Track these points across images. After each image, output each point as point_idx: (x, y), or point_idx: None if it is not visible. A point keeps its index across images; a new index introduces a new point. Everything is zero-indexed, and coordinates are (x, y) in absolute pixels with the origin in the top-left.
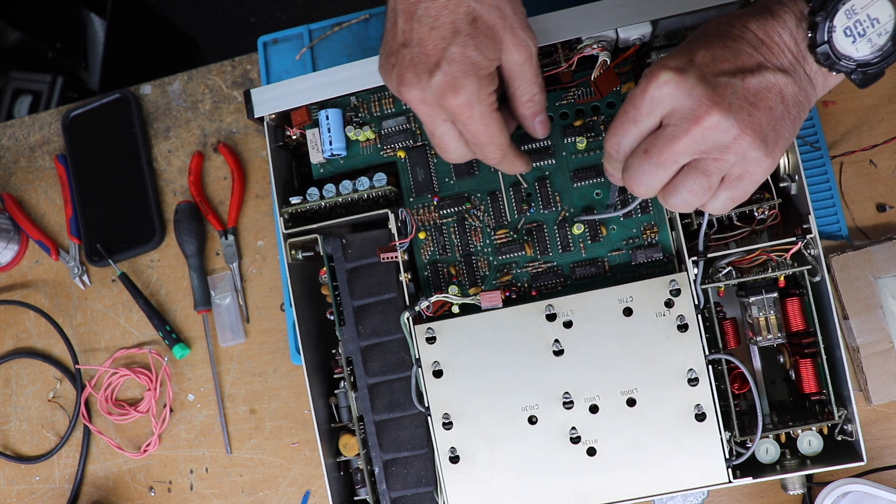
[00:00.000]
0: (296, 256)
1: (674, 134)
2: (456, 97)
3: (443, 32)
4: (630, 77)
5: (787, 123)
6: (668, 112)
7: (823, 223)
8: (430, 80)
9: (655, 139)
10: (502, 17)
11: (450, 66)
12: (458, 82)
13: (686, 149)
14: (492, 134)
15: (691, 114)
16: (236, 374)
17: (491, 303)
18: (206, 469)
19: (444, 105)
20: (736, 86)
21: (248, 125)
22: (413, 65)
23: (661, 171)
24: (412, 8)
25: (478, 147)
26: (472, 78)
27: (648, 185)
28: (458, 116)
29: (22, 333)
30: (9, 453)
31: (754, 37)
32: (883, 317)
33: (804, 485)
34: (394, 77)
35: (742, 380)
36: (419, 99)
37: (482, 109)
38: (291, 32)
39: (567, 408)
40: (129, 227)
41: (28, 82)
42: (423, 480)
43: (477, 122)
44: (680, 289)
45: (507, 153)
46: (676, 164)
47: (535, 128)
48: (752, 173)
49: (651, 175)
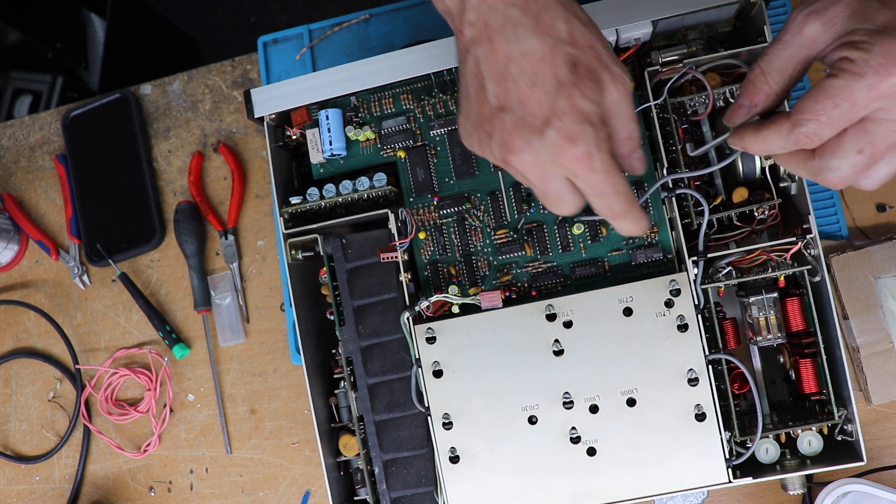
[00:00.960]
0: (296, 256)
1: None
2: (575, 150)
3: (546, 87)
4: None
5: None
6: (884, 105)
7: (823, 223)
8: (543, 140)
9: (870, 137)
10: (597, 56)
11: (562, 121)
12: (574, 135)
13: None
14: (616, 183)
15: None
16: (236, 374)
17: (491, 303)
18: (206, 469)
19: (560, 162)
20: None
21: (248, 125)
22: (519, 128)
23: (873, 165)
24: (502, 69)
25: (600, 199)
26: (587, 127)
27: (854, 181)
28: (577, 171)
29: (22, 333)
30: (9, 453)
31: None
32: (883, 317)
33: (804, 485)
34: (495, 146)
35: (742, 380)
36: (531, 162)
37: (602, 157)
38: (291, 32)
39: (567, 408)
40: (129, 227)
41: (28, 82)
42: (423, 480)
43: (599, 172)
44: (680, 289)
45: (633, 202)
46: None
47: (633, 165)
48: None
49: (862, 172)
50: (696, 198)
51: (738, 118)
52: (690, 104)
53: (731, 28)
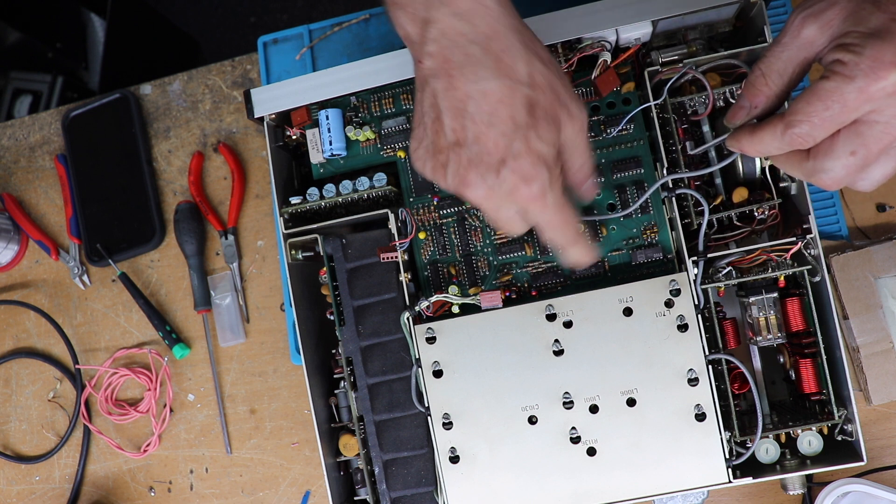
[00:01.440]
0: (296, 256)
1: (886, 132)
2: (529, 189)
3: (503, 128)
4: (630, 77)
5: None
6: (877, 108)
7: (823, 223)
8: (498, 178)
9: (861, 139)
10: (556, 96)
11: (517, 162)
12: (528, 176)
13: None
14: (565, 218)
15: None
16: (236, 374)
17: (491, 303)
18: (206, 469)
19: (514, 200)
20: None
21: (248, 125)
22: (474, 165)
23: (866, 168)
24: (461, 105)
25: (551, 231)
26: (542, 168)
27: (849, 182)
28: (529, 207)
29: (22, 333)
30: (9, 453)
31: None
32: (883, 317)
33: (804, 485)
34: (450, 177)
35: (742, 380)
36: (485, 196)
37: (555, 196)
38: (291, 32)
39: (567, 408)
40: (129, 227)
41: (28, 82)
42: (423, 480)
43: (550, 209)
44: (680, 289)
45: (580, 236)
46: (881, 155)
47: (585, 193)
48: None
49: (854, 174)
50: (696, 198)
51: (738, 119)
52: (690, 104)
53: (731, 28)
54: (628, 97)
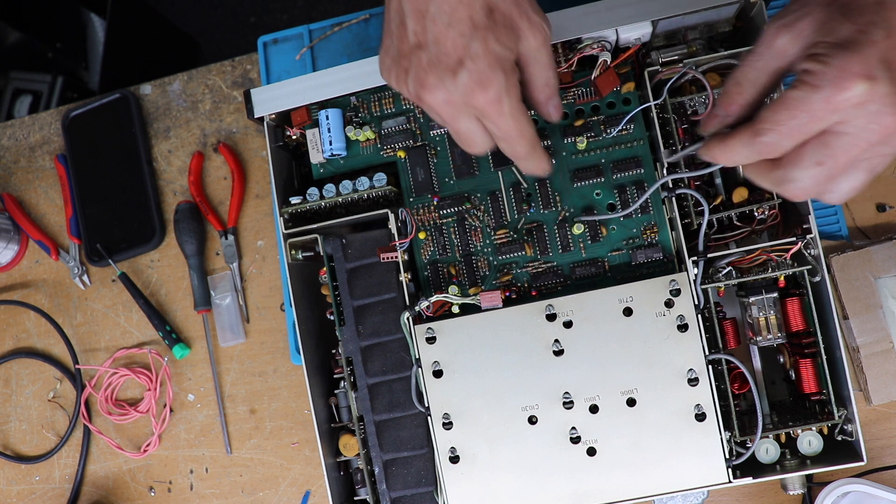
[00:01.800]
0: (296, 256)
1: (854, 144)
2: (485, 93)
3: (461, 28)
4: (630, 77)
5: None
6: (845, 119)
7: (823, 223)
8: (455, 80)
9: (829, 150)
10: (517, 3)
11: (474, 63)
12: (484, 78)
13: (864, 156)
14: (521, 127)
15: (877, 124)
16: (236, 374)
17: (491, 303)
18: (206, 469)
19: (471, 103)
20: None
21: (248, 125)
22: (433, 66)
23: (833, 179)
24: (422, 6)
25: (506, 141)
26: (498, 71)
27: (816, 193)
28: (486, 113)
29: (22, 333)
30: (9, 453)
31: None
32: (883, 317)
33: (804, 485)
34: (410, 82)
35: (742, 380)
36: (443, 101)
37: (511, 103)
38: (291, 32)
39: (567, 408)
40: (129, 227)
41: (28, 82)
42: (423, 480)
43: (507, 116)
44: (680, 289)
45: (537, 146)
46: (849, 168)
47: (549, 112)
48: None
49: (822, 185)
50: (696, 198)
51: (711, 127)
52: (690, 104)
53: (731, 28)
54: (628, 97)
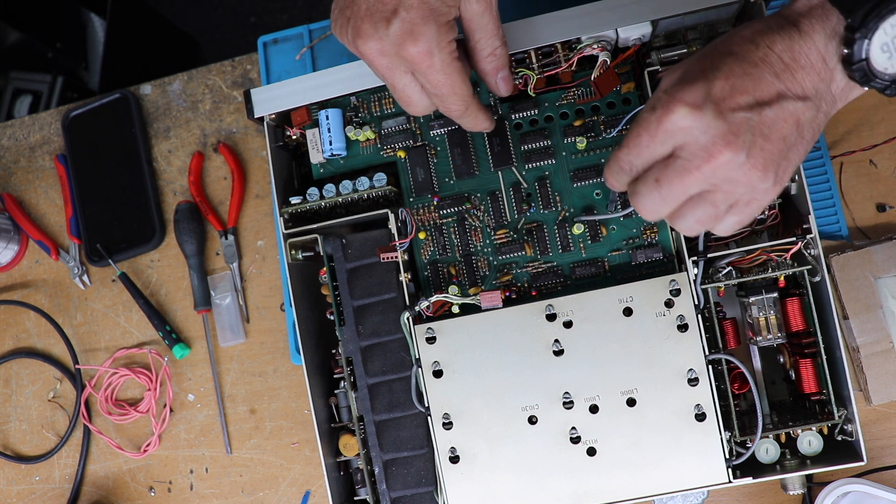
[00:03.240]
0: (296, 256)
1: (685, 168)
2: (415, 45)
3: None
4: (630, 77)
5: (798, 149)
6: (680, 144)
7: (823, 223)
8: (388, 29)
9: (666, 170)
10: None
11: (408, 13)
12: (416, 29)
13: (696, 182)
14: (453, 84)
15: (704, 150)
16: (236, 374)
17: (491, 303)
18: (206, 469)
19: (402, 54)
20: (752, 120)
21: (248, 125)
22: (369, 14)
23: (670, 200)
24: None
25: (439, 98)
26: (430, 24)
27: (656, 211)
28: (417, 66)
29: (22, 333)
30: (9, 453)
31: (778, 60)
32: (883, 317)
33: (804, 485)
34: (349, 30)
35: (742, 380)
36: (377, 50)
37: (442, 57)
38: (291, 32)
39: (567, 408)
40: (129, 227)
41: (28, 82)
42: (423, 480)
43: (438, 70)
44: (680, 289)
45: (470, 105)
46: (686, 194)
47: (497, 84)
48: (760, 200)
49: (660, 203)
50: None
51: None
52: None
53: (731, 28)
54: (628, 97)
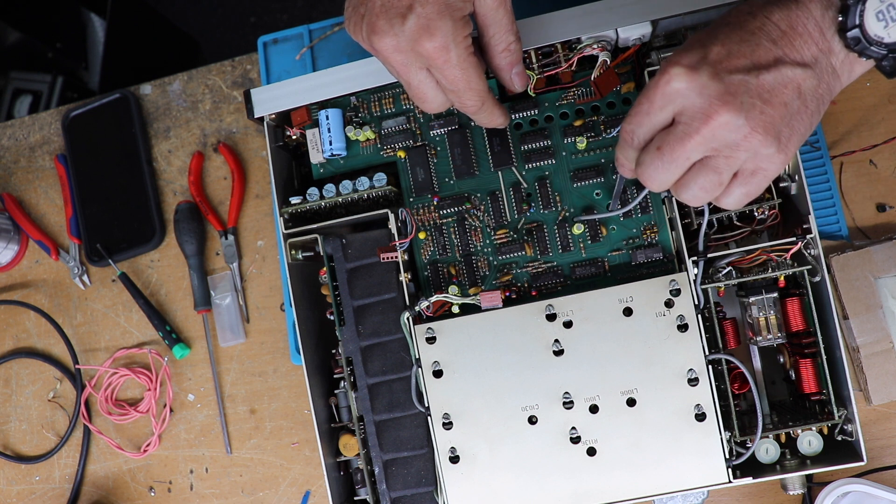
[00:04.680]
0: (296, 256)
1: (685, 132)
2: (431, 40)
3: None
4: (630, 77)
5: (802, 118)
6: (679, 109)
7: (823, 223)
8: (404, 25)
9: (667, 136)
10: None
11: (423, 9)
12: (432, 24)
13: (697, 147)
14: (469, 79)
15: (702, 112)
16: (236, 374)
17: (491, 303)
18: (206, 469)
19: (418, 50)
20: (749, 83)
21: (248, 125)
22: (385, 11)
23: (673, 167)
24: None
25: (455, 94)
26: (446, 19)
27: (661, 180)
28: (433, 61)
29: (22, 333)
30: (9, 453)
31: (775, 28)
32: (883, 317)
33: (804, 485)
34: (364, 28)
35: (742, 380)
36: (393, 47)
37: (458, 52)
38: (291, 32)
39: (567, 408)
40: (129, 227)
41: (28, 82)
42: (423, 480)
43: (454, 66)
44: (680, 289)
45: (486, 100)
46: (688, 160)
47: (512, 80)
48: (766, 169)
49: (663, 171)
50: None
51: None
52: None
53: None
54: (628, 97)
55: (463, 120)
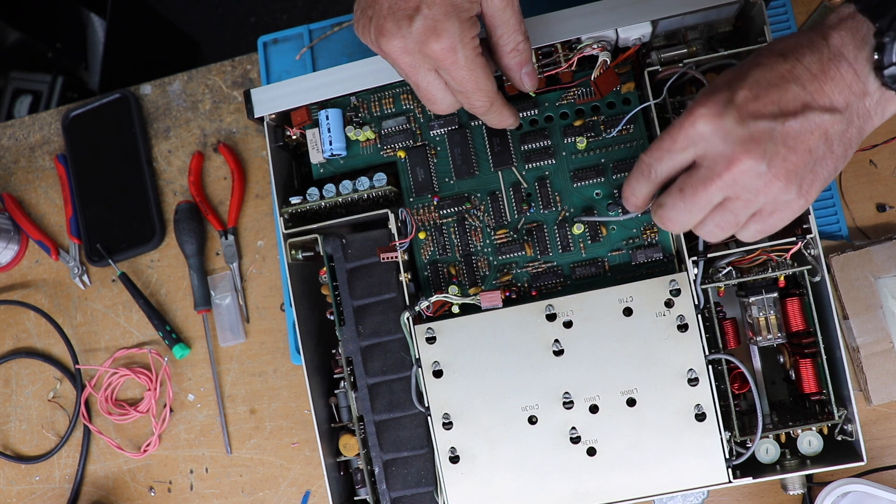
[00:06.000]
0: (296, 256)
1: (707, 176)
2: (439, 41)
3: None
4: (630, 77)
5: (827, 163)
6: (702, 153)
7: (823, 223)
8: (411, 27)
9: (689, 179)
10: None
11: (430, 10)
12: (439, 25)
13: (718, 192)
14: (478, 79)
15: (725, 158)
16: (236, 374)
17: (491, 303)
18: (206, 469)
19: (426, 52)
20: (775, 130)
21: (248, 125)
22: (392, 13)
23: (694, 210)
24: None
25: (464, 95)
26: (453, 20)
27: (682, 222)
28: (441, 63)
29: (22, 333)
30: (9, 453)
31: (806, 72)
32: (883, 317)
33: (804, 485)
34: (372, 30)
35: (742, 380)
36: (401, 49)
37: (466, 53)
38: (291, 32)
39: (567, 408)
40: (129, 227)
41: (28, 82)
42: (423, 480)
43: (462, 67)
44: (680, 289)
45: (495, 101)
46: (710, 203)
47: (521, 80)
48: (783, 211)
49: (685, 213)
50: None
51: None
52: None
53: (731, 28)
54: (628, 97)
55: (463, 120)
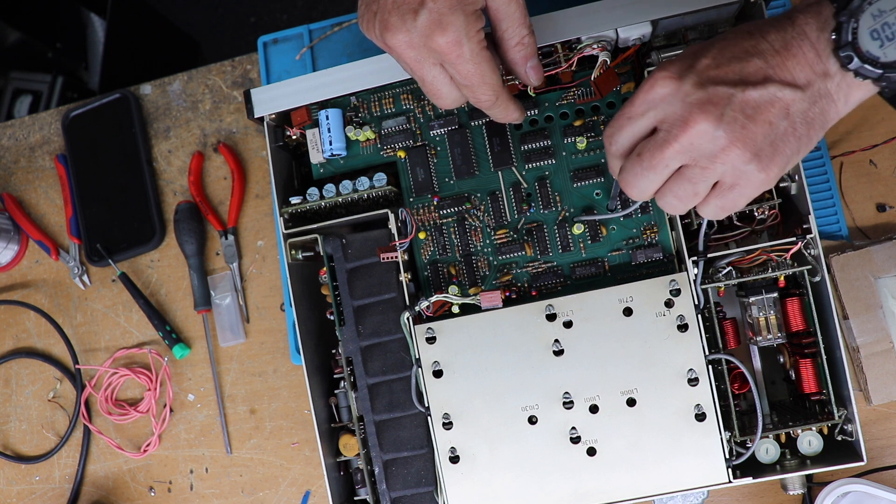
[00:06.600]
0: (296, 256)
1: (664, 139)
2: (444, 35)
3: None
4: (630, 77)
5: (789, 140)
6: (661, 117)
7: (823, 223)
8: (416, 21)
9: (647, 143)
10: None
11: (435, 4)
12: (444, 19)
13: (675, 155)
14: (483, 73)
15: (681, 120)
16: (236, 374)
17: (491, 303)
18: (206, 469)
19: (431, 46)
20: (734, 96)
21: (248, 125)
22: (396, 7)
23: (652, 174)
24: None
25: (469, 89)
26: (458, 13)
27: (641, 188)
28: (446, 56)
29: (22, 333)
30: (9, 453)
31: (770, 47)
32: (883, 317)
33: (804, 485)
34: (377, 25)
35: (742, 380)
36: (405, 43)
37: (471, 47)
38: (291, 32)
39: (567, 408)
40: (129, 227)
41: (28, 82)
42: (423, 480)
43: (467, 60)
44: (680, 289)
45: (501, 94)
46: (667, 168)
47: (527, 74)
48: (744, 185)
49: (642, 178)
50: None
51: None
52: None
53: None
54: (628, 97)
55: (463, 120)
